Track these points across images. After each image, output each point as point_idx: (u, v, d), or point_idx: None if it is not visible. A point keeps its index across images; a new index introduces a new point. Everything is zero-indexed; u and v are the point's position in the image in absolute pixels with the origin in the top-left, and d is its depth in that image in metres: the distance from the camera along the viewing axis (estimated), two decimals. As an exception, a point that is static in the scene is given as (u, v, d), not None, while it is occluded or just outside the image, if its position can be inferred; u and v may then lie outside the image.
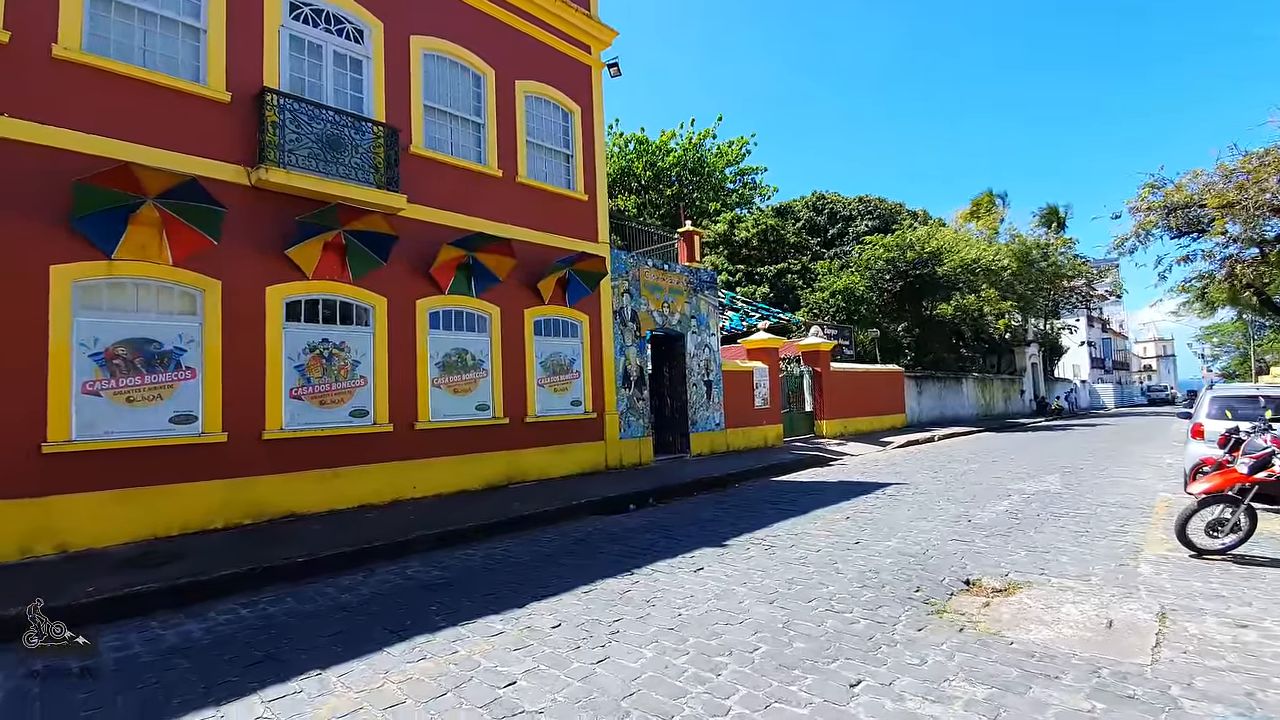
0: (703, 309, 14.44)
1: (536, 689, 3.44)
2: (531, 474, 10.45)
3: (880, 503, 8.83)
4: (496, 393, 10.17)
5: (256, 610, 5.06)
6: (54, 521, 6.25)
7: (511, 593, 5.20)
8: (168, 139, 7.18)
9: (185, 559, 6.20)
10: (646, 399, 12.83)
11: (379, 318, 8.85)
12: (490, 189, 10.38)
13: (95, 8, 6.86)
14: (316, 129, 8.12)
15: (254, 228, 7.70)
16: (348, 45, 8.86)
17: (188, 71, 7.43)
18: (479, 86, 10.43)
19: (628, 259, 12.80)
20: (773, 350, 16.71)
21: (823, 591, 4.98)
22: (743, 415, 15.32)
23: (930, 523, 7.39)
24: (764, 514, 8.31)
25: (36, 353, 6.28)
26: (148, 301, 7.03)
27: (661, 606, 4.72)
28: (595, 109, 12.29)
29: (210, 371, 7.32)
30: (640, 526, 7.82)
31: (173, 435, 7.03)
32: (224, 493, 7.30)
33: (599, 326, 11.94)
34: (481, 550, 6.82)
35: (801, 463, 13.46)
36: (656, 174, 30.39)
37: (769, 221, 28.63)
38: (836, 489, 10.28)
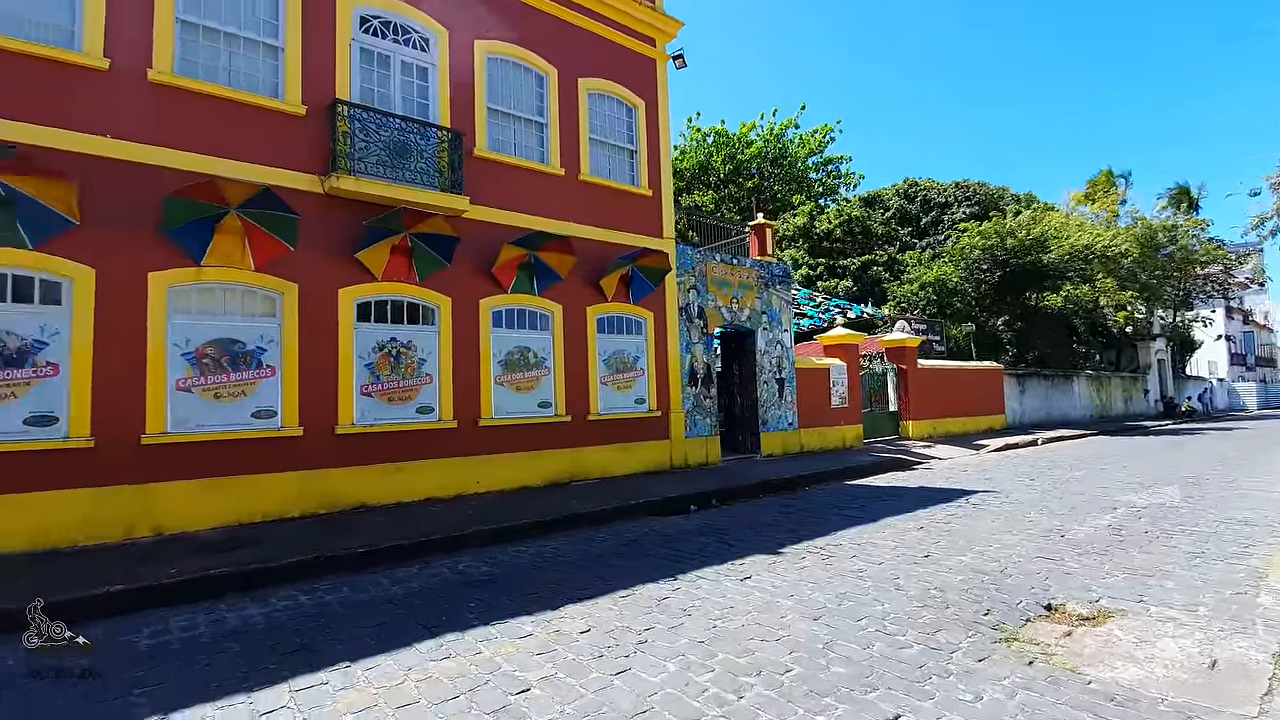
0: (774, 304, 13.94)
1: (548, 699, 3.33)
2: (594, 471, 10.45)
3: (961, 512, 8.13)
4: (558, 390, 10.23)
5: (314, 598, 5.28)
6: (152, 506, 6.84)
7: (550, 593, 5.15)
8: (249, 152, 7.69)
9: (260, 545, 6.62)
10: (714, 397, 12.53)
11: (444, 317, 9.11)
12: (553, 188, 10.46)
13: (185, 33, 7.44)
14: (384, 136, 8.45)
15: (327, 233, 8.12)
16: (414, 54, 9.16)
17: (267, 88, 7.93)
18: (541, 87, 10.53)
19: (694, 254, 12.54)
20: (852, 347, 15.90)
21: (876, 610, 4.57)
22: (818, 415, 14.67)
23: (1015, 536, 6.69)
24: (829, 520, 7.86)
25: (137, 353, 6.89)
26: (233, 304, 7.56)
27: (698, 616, 4.50)
28: (660, 103, 12.11)
29: (288, 369, 7.79)
30: (696, 529, 7.60)
31: (254, 429, 7.54)
32: (299, 484, 7.74)
33: (664, 323, 11.77)
34: (533, 548, 6.84)
35: (880, 466, 12.71)
36: (736, 167, 29.82)
37: (854, 212, 27.35)
38: (914, 495, 9.59)
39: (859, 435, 15.70)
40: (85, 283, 6.65)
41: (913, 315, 22.25)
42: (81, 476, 6.50)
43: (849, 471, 11.89)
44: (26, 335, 6.39)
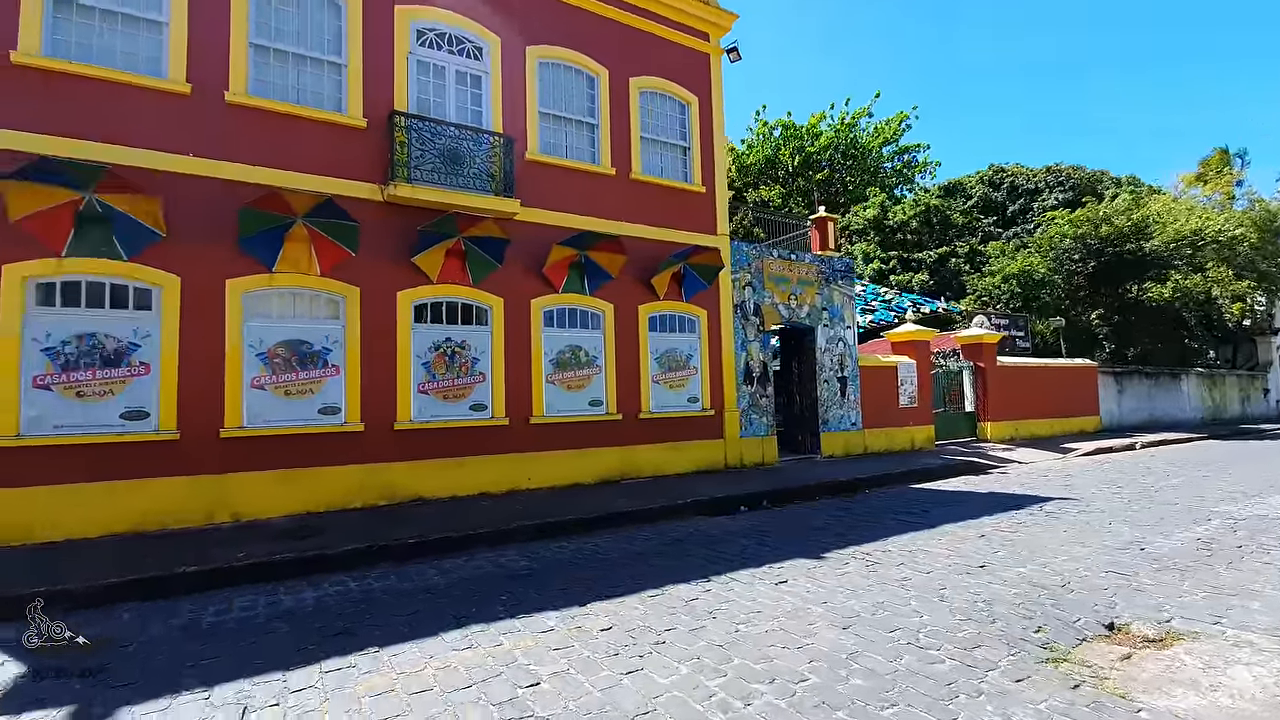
0: (836, 300, 13.48)
1: (554, 694, 3.36)
2: (645, 470, 10.47)
3: (1031, 520, 7.58)
4: (610, 389, 10.31)
5: (363, 584, 5.57)
6: (230, 495, 7.42)
7: (582, 590, 5.20)
8: (315, 164, 8.19)
9: (323, 533, 7.04)
10: (770, 396, 12.27)
11: (496, 317, 9.38)
12: (604, 187, 10.55)
13: (258, 56, 8.01)
14: (439, 144, 8.78)
15: (387, 239, 8.53)
16: (468, 63, 9.47)
17: (331, 103, 8.42)
18: (593, 88, 10.64)
19: (750, 251, 12.32)
20: (922, 344, 15.15)
21: (913, 621, 4.34)
22: (884, 415, 14.07)
23: (1087, 549, 6.17)
24: (883, 525, 7.53)
25: (217, 353, 7.49)
26: (301, 307, 8.09)
27: (723, 619, 4.42)
28: (714, 98, 11.96)
29: (351, 368, 8.25)
30: (742, 530, 7.47)
31: (321, 424, 8.03)
32: (362, 476, 8.18)
33: (718, 321, 11.63)
34: (576, 544, 6.92)
35: (950, 469, 12.04)
36: (805, 160, 29.04)
37: (931, 201, 25.98)
38: (982, 501, 9.03)
39: (930, 437, 14.94)
40: (172, 290, 7.29)
41: (994, 310, 20.94)
42: (168, 466, 7.14)
43: (914, 475, 11.35)
44: (122, 338, 7.08)
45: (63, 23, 7.02)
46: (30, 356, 6.66)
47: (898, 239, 24.75)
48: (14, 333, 6.56)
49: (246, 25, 7.89)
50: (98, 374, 6.93)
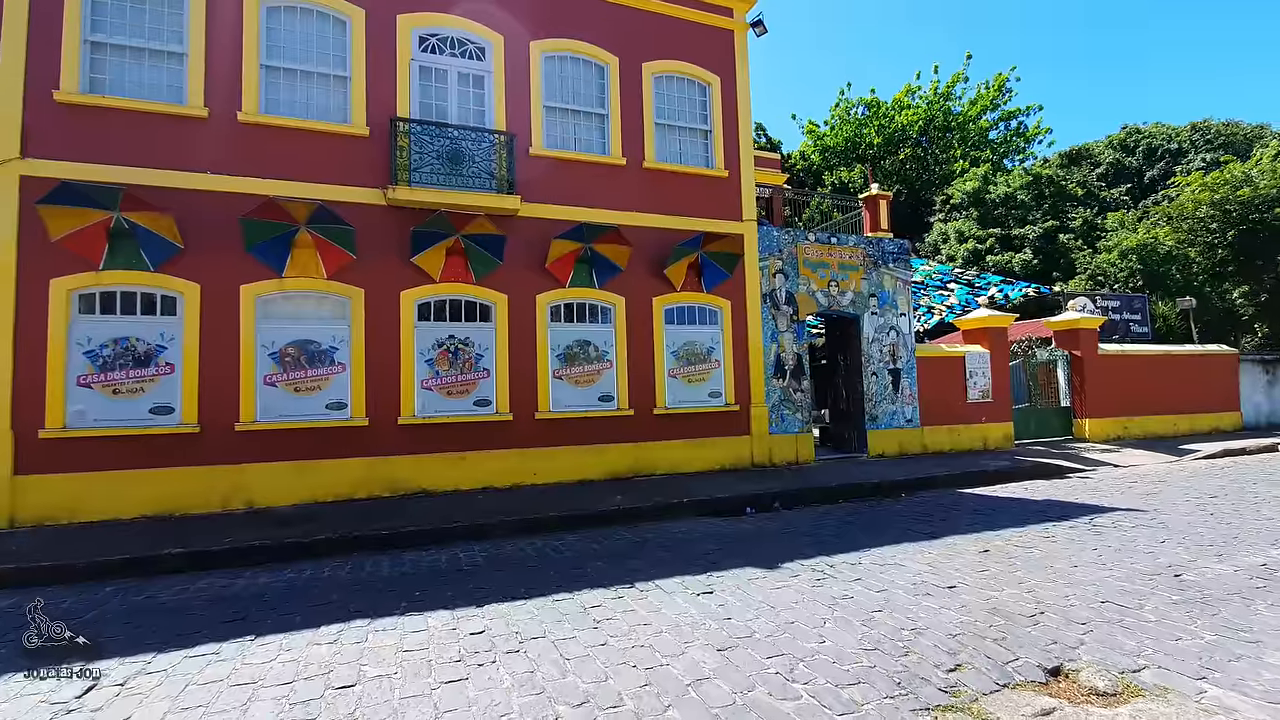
0: (887, 285, 12.36)
1: (353, 699, 3.27)
2: (661, 467, 10.16)
3: (1065, 535, 6.50)
4: (621, 384, 10.10)
5: (315, 573, 5.77)
6: (245, 484, 8.05)
7: (496, 589, 5.07)
8: (322, 173, 8.66)
9: (316, 522, 7.40)
10: (806, 390, 11.47)
11: (500, 314, 9.47)
12: (613, 178, 10.33)
13: (269, 77, 8.59)
14: (438, 146, 8.99)
15: (389, 241, 8.86)
16: (470, 64, 9.62)
17: (337, 115, 8.86)
18: (602, 78, 10.44)
19: (781, 235, 11.58)
20: (997, 331, 13.53)
21: (806, 647, 3.81)
22: (947, 411, 12.74)
23: (1105, 572, 5.17)
24: (881, 533, 6.78)
25: (233, 353, 8.14)
26: (308, 309, 8.60)
27: (603, 631, 4.13)
28: (739, 76, 11.34)
29: (356, 366, 8.67)
30: (721, 534, 7.03)
31: (328, 419, 8.50)
32: (366, 469, 8.58)
33: (743, 311, 11.04)
34: (544, 542, 6.82)
35: (1019, 472, 10.65)
36: (890, 137, 26.99)
37: (1043, 171, 23.13)
38: (1024, 510, 7.90)
39: (1007, 435, 13.33)
40: (193, 296, 8.02)
41: (1104, 291, 18.32)
42: (190, 456, 7.86)
43: (968, 478, 10.15)
44: (151, 340, 7.88)
45: (98, 61, 7.91)
46: (74, 359, 7.59)
47: (997, 215, 22.24)
48: (61, 338, 7.50)
49: (258, 49, 8.49)
50: (130, 374, 7.77)
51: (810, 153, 27.71)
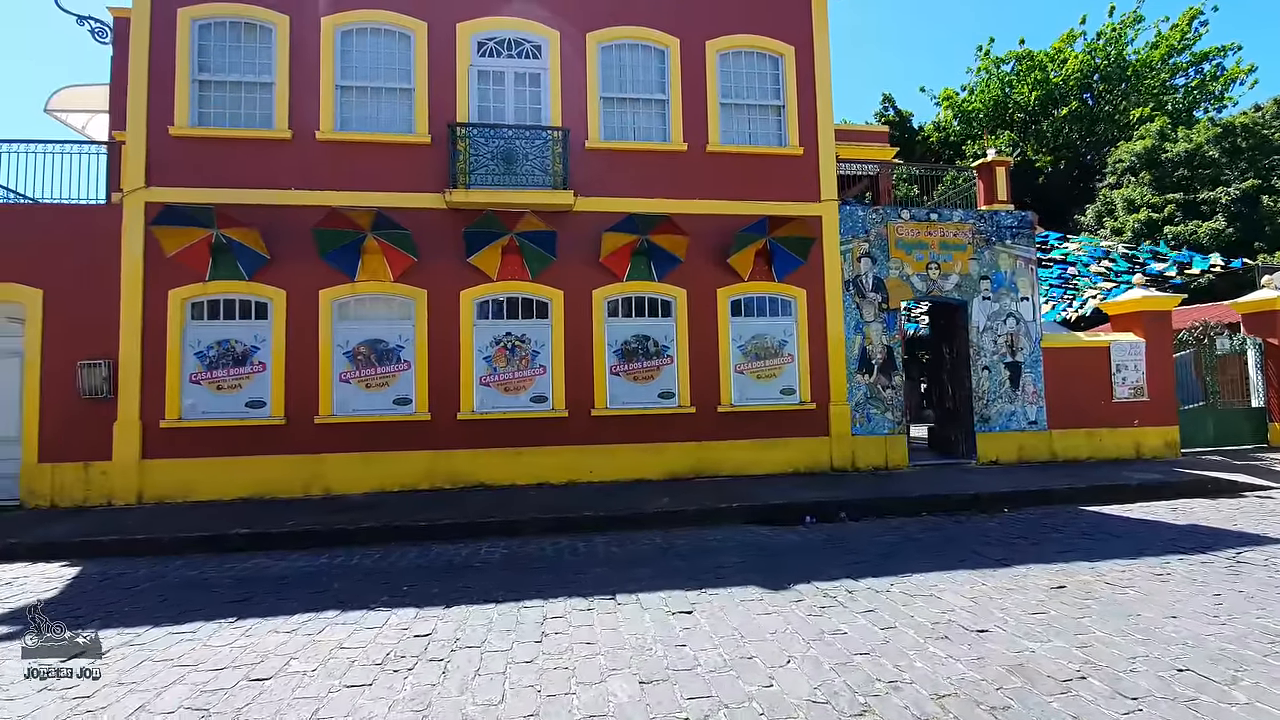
0: (1003, 265, 10.67)
1: (252, 692, 3.30)
2: (726, 468, 9.59)
3: (1189, 573, 5.11)
4: (682, 380, 9.67)
5: (333, 561, 6.06)
6: (323, 472, 8.77)
7: (477, 590, 4.99)
8: (389, 182, 9.18)
9: (375, 509, 7.89)
10: (897, 387, 10.24)
11: (556, 310, 9.46)
12: (675, 165, 9.89)
13: (343, 96, 9.26)
14: (492, 147, 9.16)
15: (450, 243, 9.18)
16: (526, 64, 9.68)
17: (403, 125, 9.34)
18: (662, 62, 10.04)
19: (868, 215, 10.42)
20: (1156, 315, 11.16)
21: (744, 690, 3.25)
22: (1086, 412, 10.74)
23: (1213, 627, 3.94)
24: (942, 556, 5.80)
25: (314, 352, 8.90)
26: (377, 310, 9.17)
27: (527, 648, 3.84)
28: (816, 44, 10.36)
29: (420, 363, 9.10)
30: (757, 544, 6.45)
31: (395, 414, 9.01)
32: (429, 462, 8.98)
33: (821, 301, 10.09)
34: (575, 542, 6.70)
35: (1170, 488, 8.69)
36: (1048, 95, 23.43)
37: (1238, 121, 18.85)
38: (1154, 537, 6.38)
39: (1170, 442, 10.97)
40: (280, 302, 8.87)
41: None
42: (278, 446, 8.71)
43: (1098, 492, 8.47)
44: (247, 342, 8.84)
45: (204, 98, 9.00)
46: (188, 359, 8.71)
47: (1178, 177, 18.37)
48: (177, 341, 8.65)
49: (334, 71, 9.18)
50: (230, 371, 8.78)
51: (948, 123, 24.78)
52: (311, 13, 9.16)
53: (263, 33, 9.13)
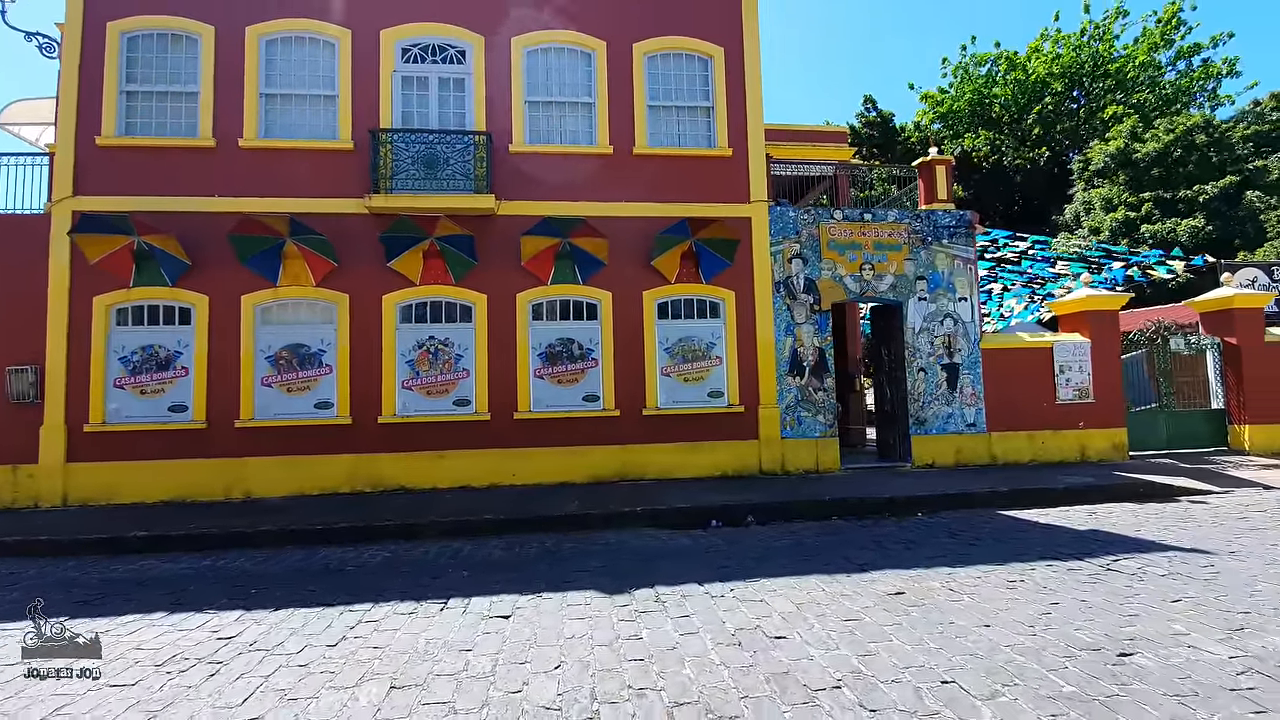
0: (939, 265, 10.51)
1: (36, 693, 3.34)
2: (651, 472, 9.54)
3: (1048, 580, 4.98)
4: (607, 383, 9.64)
5: (226, 562, 6.15)
6: (244, 476, 8.86)
7: (320, 594, 5.00)
8: (312, 188, 9.27)
9: (286, 512, 7.96)
10: (829, 389, 10.12)
11: (480, 314, 9.48)
12: (601, 168, 9.88)
13: (268, 103, 9.38)
14: (414, 152, 9.22)
15: (372, 248, 9.24)
16: (450, 69, 9.74)
17: (326, 132, 9.44)
18: (589, 65, 10.04)
19: (798, 215, 10.32)
20: (1103, 315, 10.90)
21: (487, 695, 3.22)
22: (1027, 414, 10.52)
23: (1024, 639, 3.82)
24: (812, 560, 5.72)
25: (235, 356, 9.00)
26: (300, 315, 9.26)
27: (309, 652, 3.82)
28: (746, 44, 10.30)
29: (341, 367, 9.17)
30: (640, 549, 6.44)
31: (316, 418, 9.09)
32: (350, 465, 9.04)
33: (750, 303, 10.01)
34: (464, 545, 6.72)
35: (1100, 492, 8.49)
36: (1027, 92, 23.07)
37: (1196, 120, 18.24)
38: (1047, 542, 6.24)
39: (1117, 445, 10.70)
40: (203, 307, 8.99)
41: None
42: (200, 450, 8.82)
43: (1019, 496, 8.30)
44: (170, 347, 8.97)
45: (131, 108, 9.17)
46: (112, 364, 8.86)
47: (1156, 175, 17.92)
48: (101, 347, 8.80)
49: (258, 80, 9.31)
50: (154, 376, 8.91)
51: (928, 122, 24.45)
52: (237, 22, 9.30)
53: (189, 43, 9.28)
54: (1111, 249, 13.09)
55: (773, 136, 14.70)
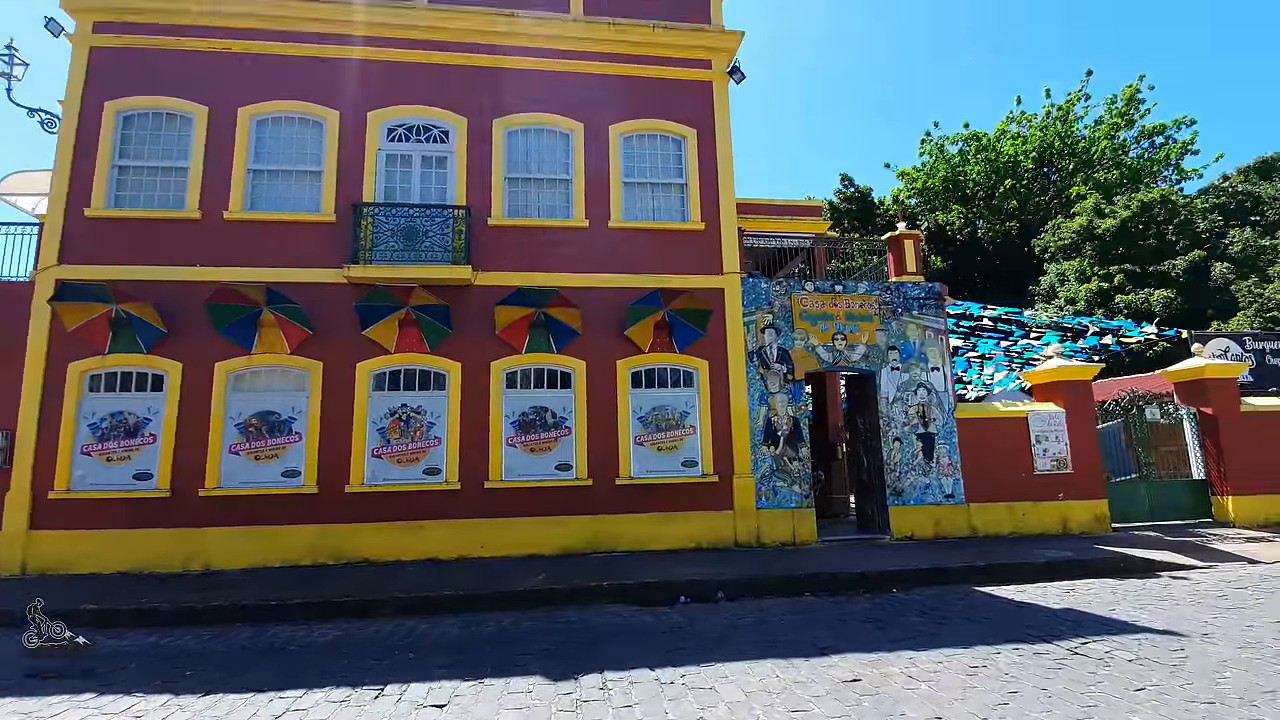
0: (911, 335, 10.66)
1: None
2: (624, 543, 9.34)
3: (1010, 666, 4.82)
4: (580, 451, 9.57)
5: (165, 640, 5.92)
6: (204, 547, 8.64)
7: (243, 682, 4.74)
8: (293, 258, 9.48)
9: (241, 587, 7.71)
10: (805, 459, 10.05)
11: (454, 382, 9.52)
12: (578, 241, 10.15)
13: (255, 178, 9.72)
14: (394, 225, 9.48)
15: (348, 316, 9.34)
16: (433, 148, 10.16)
17: (310, 205, 9.74)
18: (567, 144, 10.49)
19: (771, 287, 10.54)
20: (1076, 385, 10.98)
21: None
22: (1005, 485, 10.43)
23: (973, 727, 3.68)
24: (775, 644, 5.53)
25: (204, 424, 8.96)
26: (272, 382, 9.28)
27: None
28: (718, 126, 10.81)
29: (311, 435, 9.11)
30: (603, 628, 6.25)
31: (283, 486, 8.96)
32: (313, 536, 8.84)
33: (723, 372, 10.07)
34: (419, 625, 6.49)
35: (1079, 567, 8.32)
36: (999, 171, 24.06)
37: (1170, 194, 18.99)
38: (1020, 623, 6.06)
39: (1099, 516, 10.55)
40: (176, 374, 9.02)
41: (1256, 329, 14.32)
42: (161, 519, 8.64)
43: (995, 571, 8.10)
44: (140, 414, 8.93)
45: (123, 181, 9.49)
46: (81, 430, 8.80)
47: (1122, 250, 18.43)
48: (72, 413, 8.77)
49: (247, 156, 9.68)
50: (121, 443, 8.84)
51: (906, 196, 25.40)
52: (230, 103, 9.75)
53: (183, 122, 9.71)
54: (1081, 321, 13.33)
55: (751, 210, 15.27)
